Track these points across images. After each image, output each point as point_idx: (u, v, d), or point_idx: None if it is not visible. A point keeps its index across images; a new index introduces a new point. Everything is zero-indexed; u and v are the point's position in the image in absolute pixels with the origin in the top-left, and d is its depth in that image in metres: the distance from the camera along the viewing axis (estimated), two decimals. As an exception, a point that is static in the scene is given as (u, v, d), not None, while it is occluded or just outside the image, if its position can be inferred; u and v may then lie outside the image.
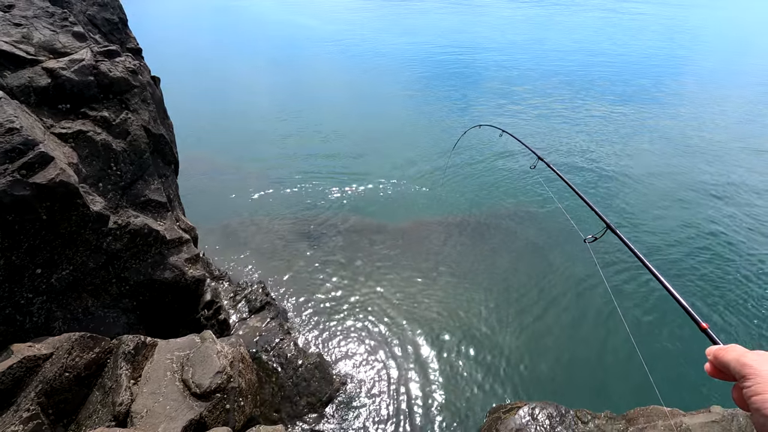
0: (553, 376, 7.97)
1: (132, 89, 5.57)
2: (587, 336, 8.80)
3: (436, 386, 7.69)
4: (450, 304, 9.52)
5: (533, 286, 10.10)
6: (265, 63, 30.13)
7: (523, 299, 9.71)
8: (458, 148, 14.82)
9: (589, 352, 8.46)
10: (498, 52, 33.12)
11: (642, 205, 13.59)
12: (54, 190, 4.10)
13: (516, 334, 8.79)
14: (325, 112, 20.66)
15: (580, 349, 8.53)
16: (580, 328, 8.98)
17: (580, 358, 8.34)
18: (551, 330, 8.93)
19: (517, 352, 8.42)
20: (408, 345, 8.51)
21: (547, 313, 9.34)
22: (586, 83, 26.12)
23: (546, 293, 9.87)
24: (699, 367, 1.74)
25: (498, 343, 8.58)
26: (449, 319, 9.12)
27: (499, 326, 8.98)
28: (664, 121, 20.49)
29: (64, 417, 3.83)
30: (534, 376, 7.96)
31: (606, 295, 9.67)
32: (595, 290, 9.89)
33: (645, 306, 9.47)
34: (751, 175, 15.41)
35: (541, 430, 5.19)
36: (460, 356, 8.30)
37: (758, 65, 32.19)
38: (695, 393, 7.44)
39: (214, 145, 16.99)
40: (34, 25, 5.06)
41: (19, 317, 4.24)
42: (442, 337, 8.70)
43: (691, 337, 8.62)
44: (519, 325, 9.00)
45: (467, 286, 10.05)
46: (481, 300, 9.64)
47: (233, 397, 4.27)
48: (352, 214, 12.70)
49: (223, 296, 8.64)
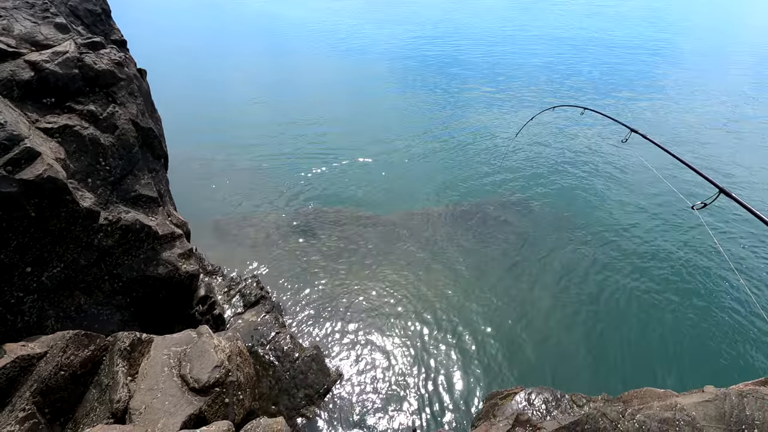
0: (548, 363, 8.07)
1: (118, 82, 5.44)
2: (582, 324, 8.92)
3: (433, 374, 7.75)
4: (447, 293, 9.56)
5: (525, 274, 10.18)
6: (254, 55, 29.69)
7: (519, 287, 9.79)
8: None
9: (584, 339, 8.57)
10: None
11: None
12: (42, 186, 4.00)
13: (512, 322, 8.87)
14: (317, 105, 20.46)
15: (574, 336, 8.64)
16: (576, 317, 9.08)
17: (575, 345, 8.45)
18: (547, 318, 9.02)
19: (513, 339, 8.50)
20: (403, 335, 8.54)
21: (542, 301, 9.44)
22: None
23: (539, 283, 9.96)
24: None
25: (494, 331, 8.66)
26: (445, 308, 9.16)
27: (495, 315, 9.05)
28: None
29: (61, 416, 3.78)
30: (530, 363, 8.06)
31: (602, 282, 9.80)
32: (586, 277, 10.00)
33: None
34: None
35: (538, 414, 5.26)
36: (456, 344, 8.36)
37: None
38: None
39: (203, 138, 16.76)
40: (14, 16, 4.90)
41: (11, 317, 4.16)
42: (438, 325, 8.75)
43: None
44: (515, 313, 9.09)
45: (460, 277, 10.10)
46: (477, 288, 9.70)
47: (232, 391, 4.25)
48: (346, 205, 12.66)
49: (217, 291, 8.57)
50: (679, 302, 9.26)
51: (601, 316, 9.01)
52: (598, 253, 10.76)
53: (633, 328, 8.72)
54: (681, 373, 7.76)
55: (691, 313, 8.97)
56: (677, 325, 8.74)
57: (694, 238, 11.16)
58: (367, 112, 19.76)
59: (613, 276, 10.04)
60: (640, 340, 8.48)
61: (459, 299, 9.40)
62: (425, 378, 7.69)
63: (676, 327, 8.71)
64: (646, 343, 8.44)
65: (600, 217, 12.24)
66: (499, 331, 8.66)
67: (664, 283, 9.79)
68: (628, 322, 8.85)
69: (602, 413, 3.45)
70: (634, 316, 9.00)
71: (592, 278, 9.97)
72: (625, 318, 8.95)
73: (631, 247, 10.96)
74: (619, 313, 9.08)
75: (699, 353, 8.17)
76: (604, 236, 11.39)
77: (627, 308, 9.20)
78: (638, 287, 9.70)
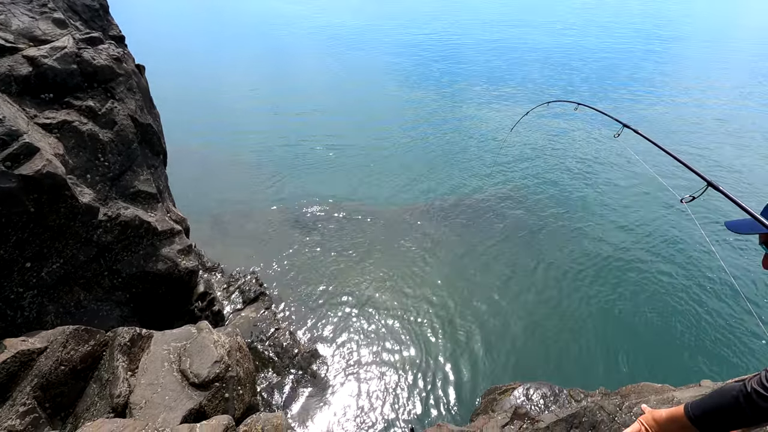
0: (547, 359, 8.12)
1: (117, 78, 5.43)
2: (580, 319, 8.96)
3: (432, 370, 7.79)
4: (446, 289, 9.59)
5: (524, 270, 10.21)
6: (251, 51, 29.62)
7: (517, 283, 9.82)
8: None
9: (582, 336, 8.62)
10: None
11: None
12: (41, 181, 4.00)
13: (511, 318, 8.91)
14: (317, 105, 20.42)
15: (573, 332, 8.68)
16: (574, 312, 9.12)
17: (574, 341, 8.49)
18: (548, 313, 9.06)
19: (512, 334, 8.54)
20: (403, 330, 8.57)
21: (541, 297, 9.48)
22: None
23: (538, 279, 10.00)
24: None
25: (492, 328, 8.69)
26: (444, 304, 9.19)
27: (493, 309, 9.09)
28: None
29: (62, 410, 3.79)
30: (529, 358, 8.10)
31: (598, 277, 9.85)
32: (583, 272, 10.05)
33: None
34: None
35: (536, 408, 5.29)
36: (455, 341, 8.39)
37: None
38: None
39: (201, 135, 16.72)
40: (11, 11, 4.88)
41: (10, 312, 4.16)
42: (437, 321, 8.77)
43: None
44: (513, 309, 9.12)
45: (456, 273, 10.12)
46: (475, 284, 9.73)
47: (232, 386, 4.27)
48: (345, 201, 12.66)
49: (216, 288, 8.58)
50: (674, 298, 9.31)
51: (599, 313, 9.05)
52: (593, 247, 10.80)
53: (631, 325, 8.76)
54: (678, 368, 7.81)
55: (688, 310, 9.03)
56: (675, 322, 8.80)
57: (683, 232, 11.25)
58: (366, 109, 19.76)
59: (609, 272, 10.08)
60: (638, 336, 8.53)
61: (458, 295, 9.42)
62: (424, 374, 7.72)
63: (674, 323, 8.77)
64: (644, 339, 8.49)
65: (593, 211, 12.35)
66: (497, 327, 8.69)
67: (659, 277, 9.85)
68: (626, 320, 8.90)
69: (600, 406, 3.48)
70: (631, 313, 9.04)
71: (589, 274, 10.00)
72: (622, 315, 9.00)
73: (624, 242, 11.02)
74: (616, 310, 9.12)
75: (697, 349, 8.22)
76: (598, 230, 11.47)
77: (624, 305, 9.24)
78: (635, 284, 9.75)
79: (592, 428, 3.32)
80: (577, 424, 3.36)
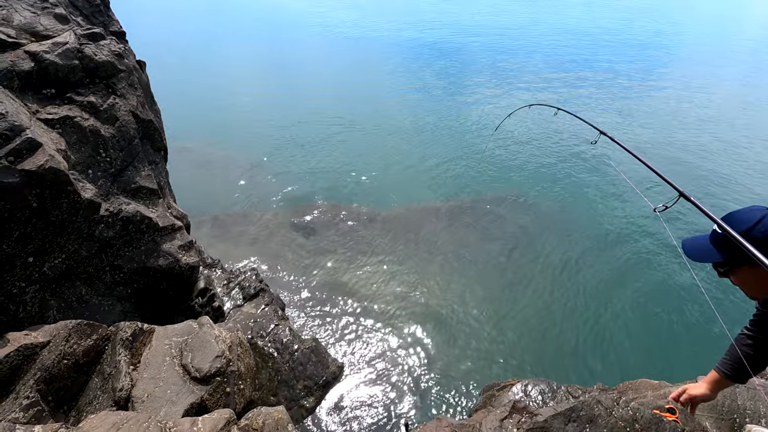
0: (545, 357, 8.18)
1: (118, 73, 5.44)
2: (580, 316, 9.01)
3: (431, 366, 7.84)
4: (444, 287, 9.64)
5: (524, 268, 10.26)
6: (254, 47, 29.55)
7: (516, 281, 9.87)
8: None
9: (580, 334, 8.67)
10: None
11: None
12: (43, 176, 4.02)
13: (509, 315, 8.96)
14: (316, 103, 20.41)
15: (571, 331, 8.73)
16: (574, 309, 9.18)
17: (572, 339, 8.55)
18: (545, 312, 9.12)
19: (510, 332, 8.59)
20: (402, 327, 8.62)
21: (540, 297, 9.53)
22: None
23: (537, 276, 10.05)
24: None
25: (492, 324, 8.74)
26: (443, 301, 9.24)
27: (492, 308, 9.14)
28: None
29: (64, 404, 3.82)
30: (527, 356, 8.15)
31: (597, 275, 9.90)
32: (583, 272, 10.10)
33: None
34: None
35: (534, 404, 5.34)
36: (454, 338, 8.44)
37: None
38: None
39: (202, 132, 16.72)
40: (13, 6, 4.89)
41: (13, 307, 4.19)
42: (435, 319, 8.82)
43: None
44: (511, 306, 9.18)
45: (458, 272, 10.17)
46: (473, 283, 9.78)
47: (233, 381, 4.30)
48: (344, 201, 12.69)
49: (216, 284, 8.60)
50: (672, 297, 9.37)
51: (596, 312, 9.11)
52: (592, 247, 10.86)
53: (627, 324, 8.83)
54: (674, 365, 7.88)
55: (686, 308, 9.10)
56: (673, 321, 8.86)
57: (659, 240, 11.18)
58: (367, 110, 19.75)
59: (609, 272, 10.14)
60: (634, 334, 8.60)
61: (456, 294, 9.48)
62: (423, 370, 7.77)
63: (672, 323, 8.84)
64: (640, 336, 8.56)
65: (588, 210, 12.36)
66: (496, 326, 8.75)
67: (658, 276, 9.90)
68: (623, 319, 8.96)
69: (597, 401, 3.53)
70: (628, 312, 9.11)
71: (589, 273, 10.06)
72: (620, 314, 9.06)
73: (620, 242, 11.07)
74: (614, 308, 9.19)
75: (692, 345, 8.29)
76: (595, 230, 11.52)
77: (622, 304, 9.31)
78: (634, 283, 9.81)
79: (589, 422, 3.36)
80: (575, 417, 3.40)
